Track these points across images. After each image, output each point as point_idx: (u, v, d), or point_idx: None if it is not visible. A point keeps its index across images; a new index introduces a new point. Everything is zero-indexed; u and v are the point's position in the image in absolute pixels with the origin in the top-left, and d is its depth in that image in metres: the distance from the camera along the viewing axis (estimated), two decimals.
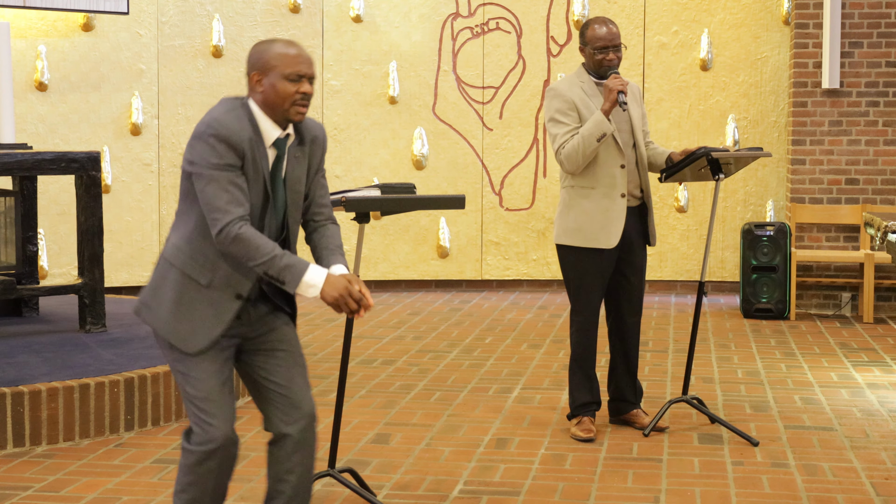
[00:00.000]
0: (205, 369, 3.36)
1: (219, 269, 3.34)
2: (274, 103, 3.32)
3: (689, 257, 9.36)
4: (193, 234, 3.34)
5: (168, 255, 3.39)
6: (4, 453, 4.90)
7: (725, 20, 9.24)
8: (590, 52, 5.11)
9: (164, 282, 3.38)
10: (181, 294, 3.35)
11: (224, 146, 3.25)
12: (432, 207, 4.41)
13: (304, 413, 3.49)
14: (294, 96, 3.31)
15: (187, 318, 3.35)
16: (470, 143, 9.44)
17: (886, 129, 8.48)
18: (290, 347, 3.50)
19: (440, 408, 5.73)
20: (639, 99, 5.28)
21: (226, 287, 3.36)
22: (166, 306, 3.36)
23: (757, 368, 6.64)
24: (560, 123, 5.08)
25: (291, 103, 3.32)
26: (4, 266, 6.48)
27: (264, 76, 3.32)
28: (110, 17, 8.67)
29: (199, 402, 3.37)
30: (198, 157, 3.25)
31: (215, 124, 3.26)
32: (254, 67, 3.35)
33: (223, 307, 3.36)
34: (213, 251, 3.33)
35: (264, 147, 3.34)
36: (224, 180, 3.23)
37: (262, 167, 3.33)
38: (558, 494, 4.43)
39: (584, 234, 5.13)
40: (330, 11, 9.28)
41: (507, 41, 9.41)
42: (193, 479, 3.42)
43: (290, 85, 3.31)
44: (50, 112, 8.65)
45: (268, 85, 3.32)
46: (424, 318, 8.25)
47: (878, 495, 4.43)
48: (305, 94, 3.33)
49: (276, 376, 3.47)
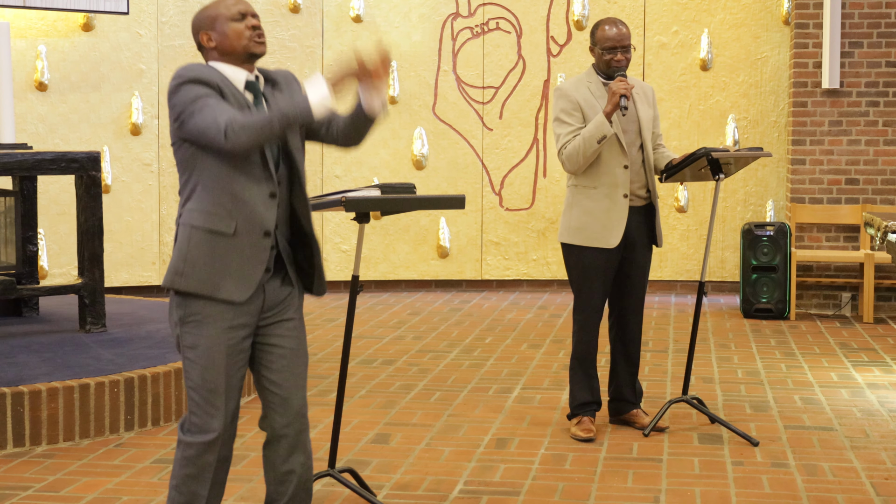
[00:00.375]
0: (217, 361, 3.36)
1: (239, 213, 3.35)
2: (231, 46, 3.40)
3: (689, 257, 9.36)
4: (203, 192, 3.35)
5: (185, 220, 3.38)
6: (4, 453, 4.91)
7: (725, 20, 9.24)
8: (598, 52, 5.12)
9: (190, 245, 3.36)
10: (212, 250, 3.35)
11: (199, 85, 3.30)
12: (432, 207, 4.41)
13: (295, 412, 3.49)
14: (247, 31, 3.40)
15: (227, 271, 3.35)
16: (470, 143, 9.44)
17: (886, 129, 8.49)
18: (295, 346, 3.51)
19: (440, 408, 5.73)
20: (651, 101, 5.28)
21: (251, 229, 3.36)
22: (202, 266, 3.35)
23: (757, 368, 6.64)
24: (564, 123, 5.10)
25: (248, 38, 3.39)
26: (4, 266, 6.48)
27: (212, 30, 3.41)
28: (110, 17, 8.67)
29: (204, 393, 3.37)
30: (180, 103, 3.30)
31: (183, 71, 3.34)
32: (200, 28, 3.44)
33: (257, 248, 3.37)
34: (228, 198, 3.34)
35: (239, 90, 3.38)
36: (210, 104, 3.28)
37: (245, 102, 3.37)
38: (558, 494, 4.43)
39: (587, 234, 5.14)
40: (330, 11, 9.28)
41: (507, 41, 9.41)
42: (192, 472, 3.42)
43: (237, 24, 3.39)
44: (50, 112, 8.65)
45: (218, 36, 3.40)
46: (424, 318, 8.25)
47: (878, 495, 4.43)
48: (255, 26, 3.41)
49: (275, 374, 3.47)
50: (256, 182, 3.36)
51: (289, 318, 3.50)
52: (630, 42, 5.11)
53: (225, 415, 3.39)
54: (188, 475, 3.43)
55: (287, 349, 3.49)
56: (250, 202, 3.35)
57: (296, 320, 3.52)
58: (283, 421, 3.49)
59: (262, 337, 3.47)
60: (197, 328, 3.37)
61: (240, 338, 3.40)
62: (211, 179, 3.34)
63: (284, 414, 3.49)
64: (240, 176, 3.34)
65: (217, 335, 3.37)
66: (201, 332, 3.37)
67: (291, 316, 3.51)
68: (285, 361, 3.48)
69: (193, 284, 3.35)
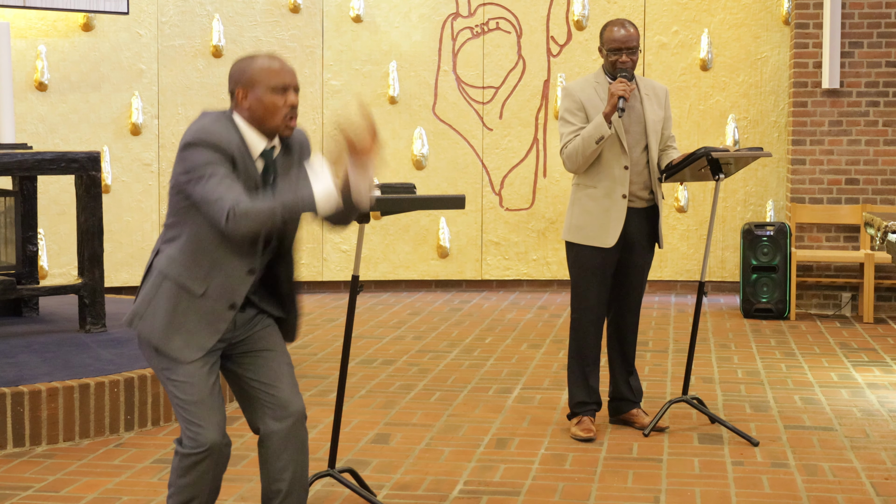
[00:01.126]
0: (193, 374, 3.37)
1: (214, 278, 3.35)
2: (262, 117, 3.32)
3: (689, 257, 9.36)
4: (188, 245, 3.34)
5: (161, 266, 3.37)
6: (4, 453, 4.90)
7: (725, 20, 9.24)
8: (605, 53, 5.13)
9: (157, 293, 3.37)
10: (176, 305, 3.35)
11: (214, 151, 3.24)
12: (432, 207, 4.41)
13: (292, 411, 3.49)
14: (283, 109, 3.31)
15: (182, 329, 3.36)
16: (470, 143, 9.44)
17: (886, 129, 8.48)
18: (275, 347, 3.52)
19: (440, 408, 5.73)
20: (663, 102, 5.27)
21: (220, 297, 3.36)
22: (161, 317, 3.36)
23: (757, 368, 6.64)
24: (567, 123, 5.12)
25: (282, 118, 3.32)
26: (4, 266, 6.48)
27: (249, 91, 3.32)
28: (110, 17, 8.67)
29: (190, 407, 3.38)
30: (190, 163, 3.24)
31: (203, 133, 3.26)
32: (238, 83, 3.34)
33: (217, 317, 3.37)
34: (209, 261, 3.33)
35: (252, 158, 3.33)
36: (219, 175, 3.23)
37: (254, 174, 3.33)
38: (558, 494, 4.43)
39: (585, 232, 5.16)
40: (330, 11, 9.28)
41: (507, 41, 9.41)
42: (188, 481, 3.43)
43: (277, 97, 3.31)
44: (50, 112, 8.65)
45: (254, 99, 3.31)
46: (424, 318, 8.25)
47: (878, 495, 4.43)
48: (293, 106, 3.34)
49: (263, 376, 3.48)
50: (239, 255, 3.35)
51: (265, 326, 3.51)
52: (637, 44, 5.11)
53: (213, 425, 3.40)
54: (185, 485, 3.44)
55: (267, 351, 3.50)
56: (227, 272, 3.35)
57: (271, 327, 3.53)
58: (274, 416, 3.49)
59: (240, 348, 3.49)
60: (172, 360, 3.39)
61: (215, 349, 3.42)
62: (196, 237, 3.32)
63: (280, 412, 3.49)
64: (224, 245, 3.32)
65: (194, 363, 3.38)
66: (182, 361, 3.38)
67: (267, 324, 3.52)
68: (264, 361, 3.49)
69: (147, 331, 3.37)
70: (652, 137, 5.17)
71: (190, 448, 3.38)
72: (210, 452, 3.38)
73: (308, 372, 6.51)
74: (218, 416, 3.41)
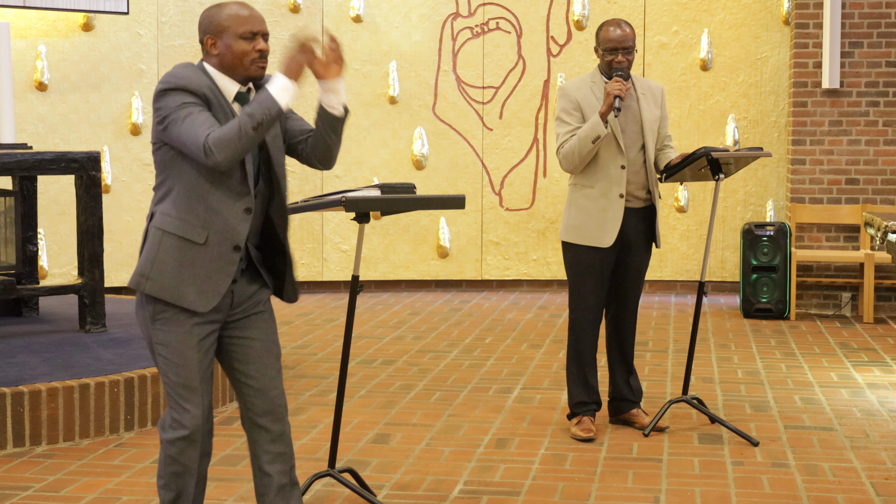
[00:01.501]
0: (189, 357, 3.39)
1: (212, 224, 3.35)
2: (232, 64, 3.36)
3: (689, 257, 9.36)
4: (179, 197, 3.35)
5: (157, 223, 3.38)
6: (4, 453, 4.90)
7: (725, 20, 9.24)
8: (601, 52, 5.14)
9: (159, 250, 3.37)
10: (181, 257, 3.35)
11: (184, 93, 3.28)
12: (432, 207, 4.40)
13: (272, 402, 3.52)
14: (252, 54, 3.35)
15: (194, 279, 3.36)
16: (470, 143, 9.44)
17: (886, 129, 8.48)
18: (264, 336, 3.52)
19: (440, 408, 5.73)
20: (659, 101, 5.27)
21: (223, 241, 3.37)
22: (169, 272, 3.36)
23: (757, 368, 6.64)
24: (563, 123, 5.13)
25: (251, 61, 3.35)
26: (4, 266, 6.48)
27: (218, 38, 3.35)
28: (110, 17, 8.67)
29: (180, 390, 3.40)
30: (164, 109, 3.28)
31: (171, 77, 3.30)
32: (207, 31, 3.38)
33: (225, 260, 3.38)
34: (202, 208, 3.34)
35: (227, 101, 3.36)
36: (193, 114, 3.26)
37: (229, 113, 3.35)
38: (558, 494, 4.43)
39: (582, 232, 5.16)
40: (330, 11, 9.28)
41: (507, 41, 9.41)
42: (178, 470, 3.45)
43: (245, 44, 3.35)
44: (50, 112, 8.65)
45: (223, 47, 3.35)
46: (424, 318, 8.25)
47: (878, 495, 4.43)
48: (262, 51, 3.36)
49: (247, 366, 3.50)
50: (233, 196, 3.36)
51: (258, 312, 3.53)
52: (633, 44, 5.11)
53: (202, 409, 3.43)
54: (174, 473, 3.47)
55: (257, 340, 3.51)
56: (225, 215, 3.36)
57: (265, 313, 3.55)
58: (260, 411, 3.51)
59: (232, 331, 3.50)
60: (167, 325, 3.40)
61: (207, 332, 3.43)
62: (187, 187, 3.34)
63: (261, 404, 3.51)
64: (217, 189, 3.34)
65: (187, 332, 3.39)
66: (171, 328, 3.39)
67: (261, 309, 3.54)
68: (256, 353, 3.51)
69: (157, 289, 3.37)
70: (648, 137, 5.18)
71: (174, 429, 3.41)
72: (194, 435, 3.41)
73: (308, 372, 6.51)
74: (206, 401, 3.44)
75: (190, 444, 3.42)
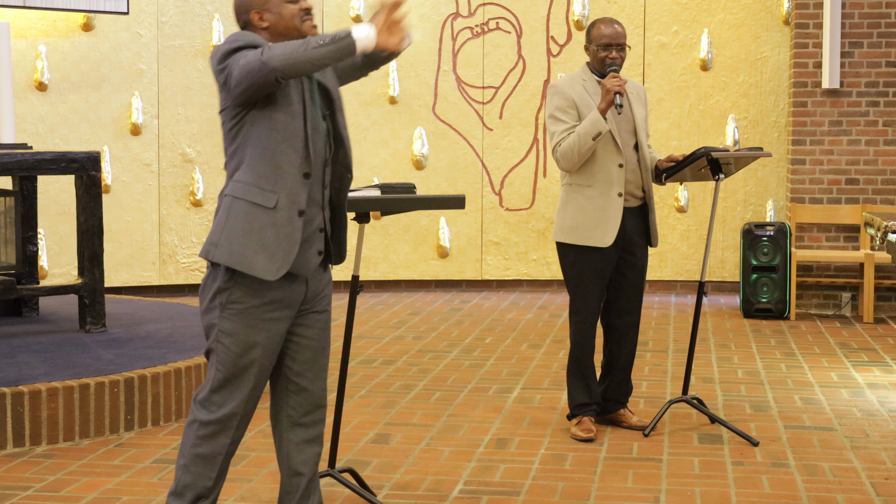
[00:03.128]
0: (253, 354, 3.37)
1: (282, 187, 3.33)
2: (286, 28, 3.37)
3: (689, 257, 9.36)
4: (252, 162, 3.34)
5: (230, 191, 3.37)
6: (4, 453, 4.90)
7: (725, 20, 9.24)
8: (594, 49, 5.13)
9: (230, 216, 3.35)
10: (251, 223, 3.33)
11: (247, 48, 3.27)
12: (432, 207, 4.40)
13: (315, 404, 3.53)
14: (300, 13, 3.37)
15: (264, 246, 3.33)
16: (470, 143, 9.44)
17: (886, 129, 8.49)
18: (322, 336, 3.53)
19: (440, 408, 5.73)
20: (643, 101, 5.28)
21: (290, 205, 3.34)
22: (238, 239, 3.33)
23: (757, 368, 6.64)
24: (558, 121, 5.10)
25: (301, 20, 3.36)
26: (4, 266, 6.48)
27: (264, 10, 3.38)
28: (110, 17, 8.67)
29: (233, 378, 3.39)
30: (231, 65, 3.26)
31: (237, 35, 3.32)
32: (250, 6, 3.40)
33: (291, 226, 3.35)
34: (272, 170, 3.32)
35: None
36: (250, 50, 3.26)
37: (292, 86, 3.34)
38: (558, 494, 4.43)
39: (580, 232, 5.14)
40: (330, 11, 9.28)
41: (507, 41, 9.42)
42: (204, 452, 3.41)
43: (291, 5, 3.37)
44: (50, 112, 8.65)
45: (271, 16, 3.37)
46: (424, 318, 8.26)
47: (878, 495, 4.43)
48: (308, 9, 3.39)
49: (299, 364, 3.50)
50: (296, 160, 3.35)
51: (320, 311, 3.52)
52: (625, 42, 5.12)
53: (249, 398, 3.40)
54: (199, 455, 3.42)
55: (314, 340, 3.51)
56: (292, 177, 3.34)
57: (327, 313, 3.55)
58: (303, 410, 3.51)
59: (293, 326, 3.49)
60: (237, 316, 3.36)
61: (280, 330, 3.41)
62: (257, 149, 3.33)
63: (304, 404, 3.51)
64: (284, 152, 3.32)
65: (258, 327, 3.37)
66: (242, 321, 3.36)
67: (324, 308, 3.53)
68: (311, 353, 3.51)
69: (226, 256, 3.33)
70: (641, 135, 5.18)
71: (213, 413, 3.38)
72: (232, 421, 3.39)
73: None
74: (257, 392, 3.42)
75: (225, 430, 3.40)
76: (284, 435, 3.55)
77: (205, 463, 3.42)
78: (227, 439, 3.41)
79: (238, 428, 3.43)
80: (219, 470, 3.46)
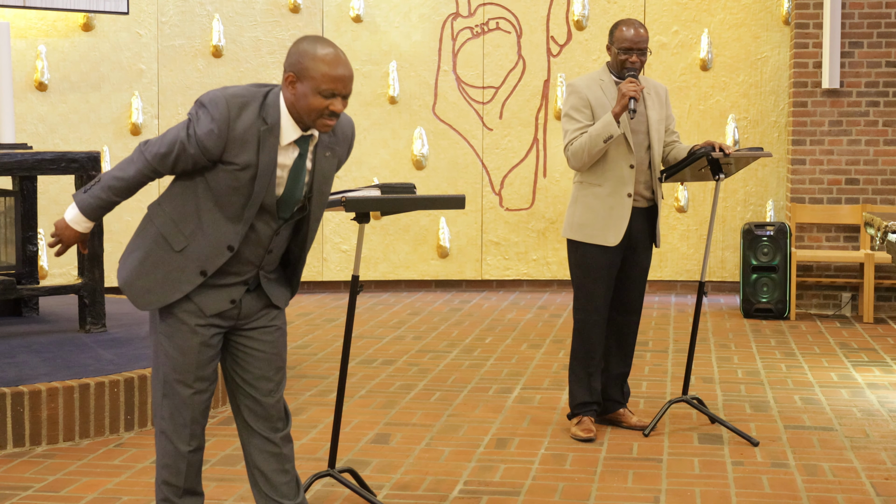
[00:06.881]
0: (189, 355, 3.39)
1: (195, 240, 3.32)
2: (301, 111, 3.25)
3: (689, 257, 9.36)
4: (180, 201, 3.34)
5: (152, 213, 3.40)
6: (4, 453, 4.90)
7: (725, 20, 9.24)
8: (615, 51, 5.12)
9: (139, 238, 3.40)
10: (150, 252, 3.36)
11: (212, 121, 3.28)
12: (432, 207, 4.40)
13: (269, 414, 3.51)
14: (322, 111, 3.25)
15: (147, 277, 3.35)
16: (470, 143, 9.44)
17: (886, 129, 8.49)
18: (271, 349, 3.49)
19: (440, 408, 5.73)
20: (664, 100, 5.27)
21: (195, 259, 3.33)
22: (133, 261, 3.38)
23: (757, 368, 6.64)
24: (573, 120, 5.11)
25: (318, 116, 3.25)
26: (4, 266, 6.48)
27: (299, 81, 3.24)
28: (110, 17, 8.67)
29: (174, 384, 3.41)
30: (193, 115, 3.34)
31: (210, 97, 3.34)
32: (292, 67, 3.26)
33: (186, 277, 3.33)
34: (195, 222, 3.31)
35: (276, 142, 3.28)
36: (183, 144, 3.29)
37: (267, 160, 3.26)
38: (558, 494, 4.43)
39: (589, 230, 5.15)
40: (330, 11, 9.28)
41: (507, 41, 9.41)
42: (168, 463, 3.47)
43: (321, 100, 3.23)
44: (50, 112, 8.65)
45: (300, 91, 3.24)
46: (424, 318, 8.25)
47: (878, 495, 4.43)
48: (335, 113, 3.26)
49: (248, 374, 3.49)
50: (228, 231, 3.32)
51: (268, 326, 3.49)
52: (647, 45, 5.11)
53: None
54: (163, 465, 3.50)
55: (261, 352, 3.48)
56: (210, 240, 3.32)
57: (277, 329, 3.51)
58: (254, 417, 3.50)
59: (239, 337, 3.48)
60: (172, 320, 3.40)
61: (209, 335, 3.40)
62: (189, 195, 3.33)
63: (256, 410, 3.50)
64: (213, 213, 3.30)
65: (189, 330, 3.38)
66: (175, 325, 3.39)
67: (273, 324, 3.50)
68: (258, 363, 3.48)
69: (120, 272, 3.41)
70: (654, 137, 5.18)
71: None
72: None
73: (308, 372, 6.51)
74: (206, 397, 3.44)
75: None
76: (241, 437, 3.57)
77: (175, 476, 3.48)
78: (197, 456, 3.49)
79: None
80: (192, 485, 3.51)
